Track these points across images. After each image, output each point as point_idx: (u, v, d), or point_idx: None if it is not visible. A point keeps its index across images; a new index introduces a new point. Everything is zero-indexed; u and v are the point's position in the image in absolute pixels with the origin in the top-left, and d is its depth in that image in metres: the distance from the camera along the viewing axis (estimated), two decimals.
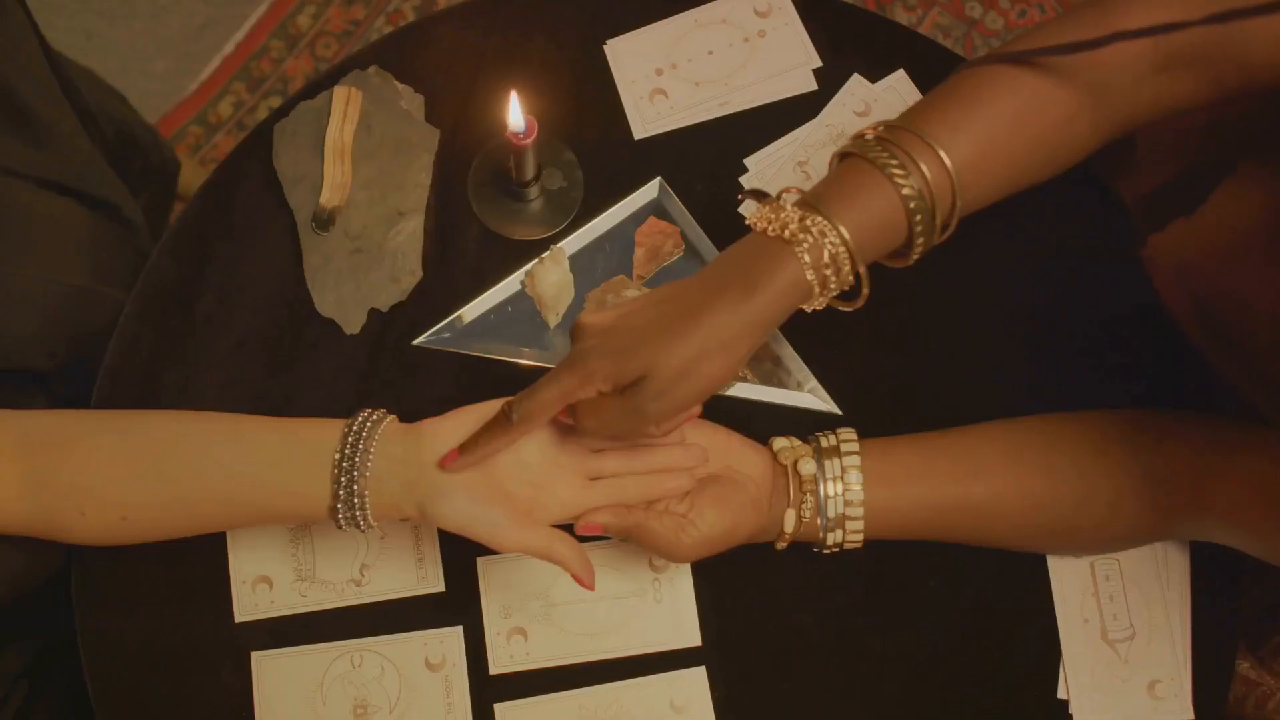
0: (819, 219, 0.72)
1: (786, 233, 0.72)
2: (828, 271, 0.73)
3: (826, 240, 0.72)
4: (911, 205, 0.73)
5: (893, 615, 0.88)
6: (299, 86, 1.72)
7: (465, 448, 0.75)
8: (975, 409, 0.87)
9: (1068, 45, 0.72)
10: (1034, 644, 0.88)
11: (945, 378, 0.92)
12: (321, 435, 0.76)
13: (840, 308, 0.78)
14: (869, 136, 0.76)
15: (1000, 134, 0.75)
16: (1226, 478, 0.77)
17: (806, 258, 0.72)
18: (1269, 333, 0.79)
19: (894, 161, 0.73)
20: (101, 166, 1.09)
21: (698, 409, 0.76)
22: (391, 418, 0.78)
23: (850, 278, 0.74)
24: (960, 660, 0.88)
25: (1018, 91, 0.75)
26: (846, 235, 0.72)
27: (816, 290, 0.73)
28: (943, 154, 0.73)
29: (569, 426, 0.77)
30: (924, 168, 0.73)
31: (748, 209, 0.93)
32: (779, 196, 0.75)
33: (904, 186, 0.73)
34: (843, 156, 0.77)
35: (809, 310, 0.77)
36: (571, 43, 0.99)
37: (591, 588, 0.76)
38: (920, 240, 0.75)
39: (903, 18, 1.85)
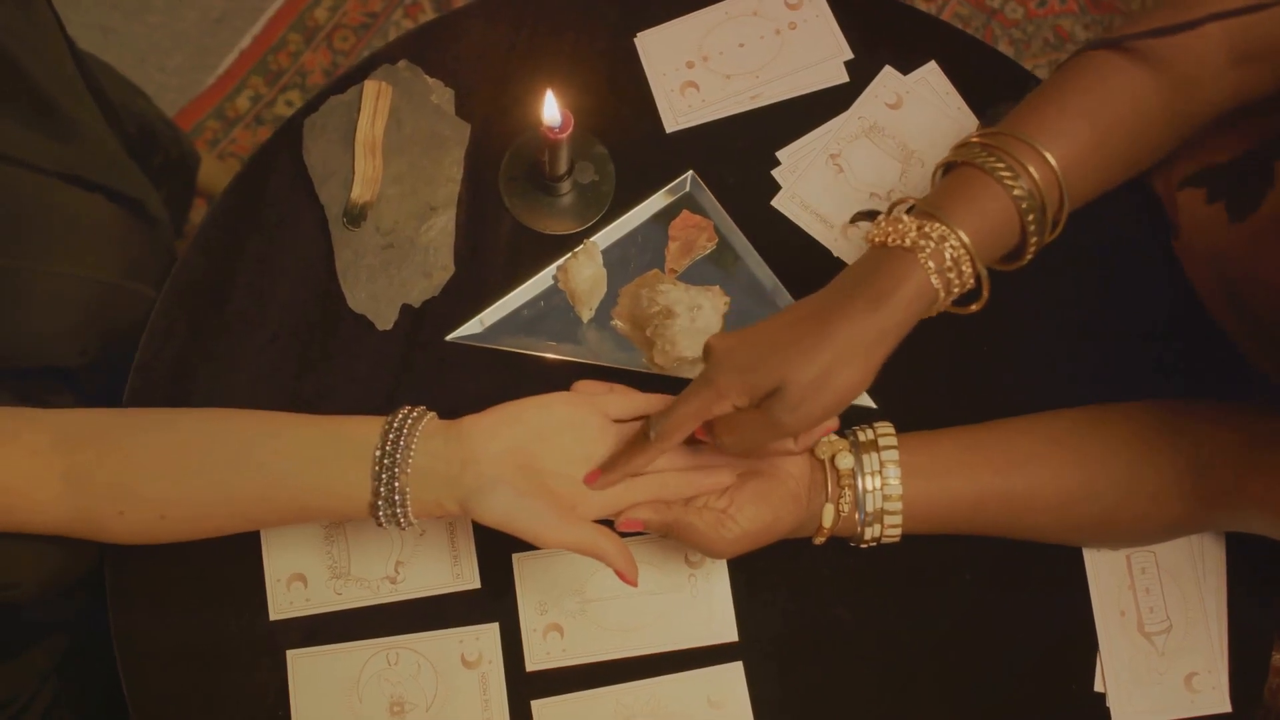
0: (938, 225, 0.73)
1: (907, 241, 0.73)
2: (950, 275, 0.74)
3: (947, 245, 0.73)
4: (1024, 205, 0.74)
5: (929, 609, 0.88)
6: (317, 80, 1.72)
7: (606, 466, 0.76)
8: (1012, 402, 0.87)
9: (1165, 28, 0.73)
10: (1071, 637, 0.88)
11: (982, 371, 0.92)
12: (361, 432, 0.76)
13: (960, 312, 0.78)
14: (974, 143, 0.77)
15: (1099, 131, 0.76)
16: (1266, 470, 0.77)
17: (930, 263, 0.73)
18: None
19: (1001, 165, 0.74)
20: (126, 162, 1.08)
21: (834, 421, 0.77)
22: (431, 414, 0.77)
23: (971, 280, 0.75)
24: (997, 653, 0.87)
25: (1113, 88, 0.77)
26: (965, 238, 0.73)
27: (942, 295, 0.74)
28: (1047, 155, 0.75)
29: (609, 424, 0.78)
30: (1031, 169, 0.74)
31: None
32: (890, 211, 0.76)
33: (1014, 188, 0.74)
34: (947, 168, 0.78)
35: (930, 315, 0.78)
36: (602, 35, 0.98)
37: (635, 584, 0.76)
38: (1034, 239, 0.77)
39: (922, 9, 1.84)
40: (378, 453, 0.74)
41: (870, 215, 0.78)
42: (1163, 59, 0.76)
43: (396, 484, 0.74)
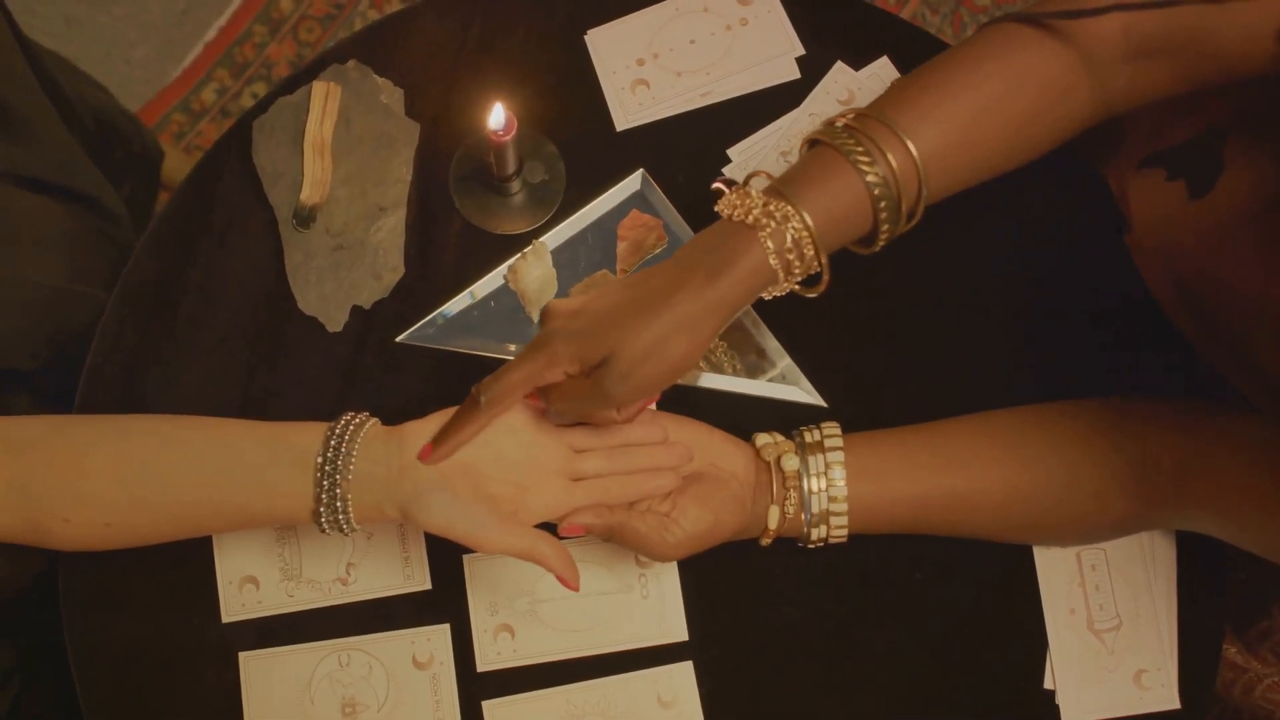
0: (783, 204, 0.73)
1: (750, 218, 0.73)
2: (790, 256, 0.73)
3: (789, 225, 0.73)
4: (876, 193, 0.74)
5: (879, 608, 0.88)
6: (283, 72, 1.71)
7: (439, 438, 0.75)
8: (961, 399, 0.87)
9: (1071, 12, 0.73)
10: (1020, 635, 0.88)
11: (931, 367, 0.92)
12: (304, 439, 0.76)
13: (803, 294, 0.78)
14: (839, 124, 0.76)
15: (973, 120, 0.75)
16: (1209, 469, 0.77)
17: (769, 243, 0.72)
18: (1252, 317, 0.79)
19: (859, 149, 0.73)
20: (81, 158, 1.08)
21: (656, 395, 0.77)
22: (374, 421, 0.77)
23: (814, 263, 0.74)
24: (947, 652, 0.88)
25: (1003, 69, 0.76)
26: (809, 221, 0.73)
27: (781, 275, 0.74)
28: (910, 143, 0.74)
29: (552, 428, 0.78)
30: (890, 157, 0.73)
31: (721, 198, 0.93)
32: (747, 182, 0.76)
33: (869, 174, 0.73)
34: (812, 144, 0.78)
35: (774, 295, 0.77)
36: (552, 33, 0.98)
37: (576, 589, 0.76)
38: (885, 228, 0.76)
39: None
40: (319, 459, 0.74)
41: (732, 184, 0.77)
42: (1067, 37, 0.75)
43: (338, 490, 0.74)
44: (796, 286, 0.77)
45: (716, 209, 0.76)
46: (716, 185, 0.90)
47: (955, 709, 0.87)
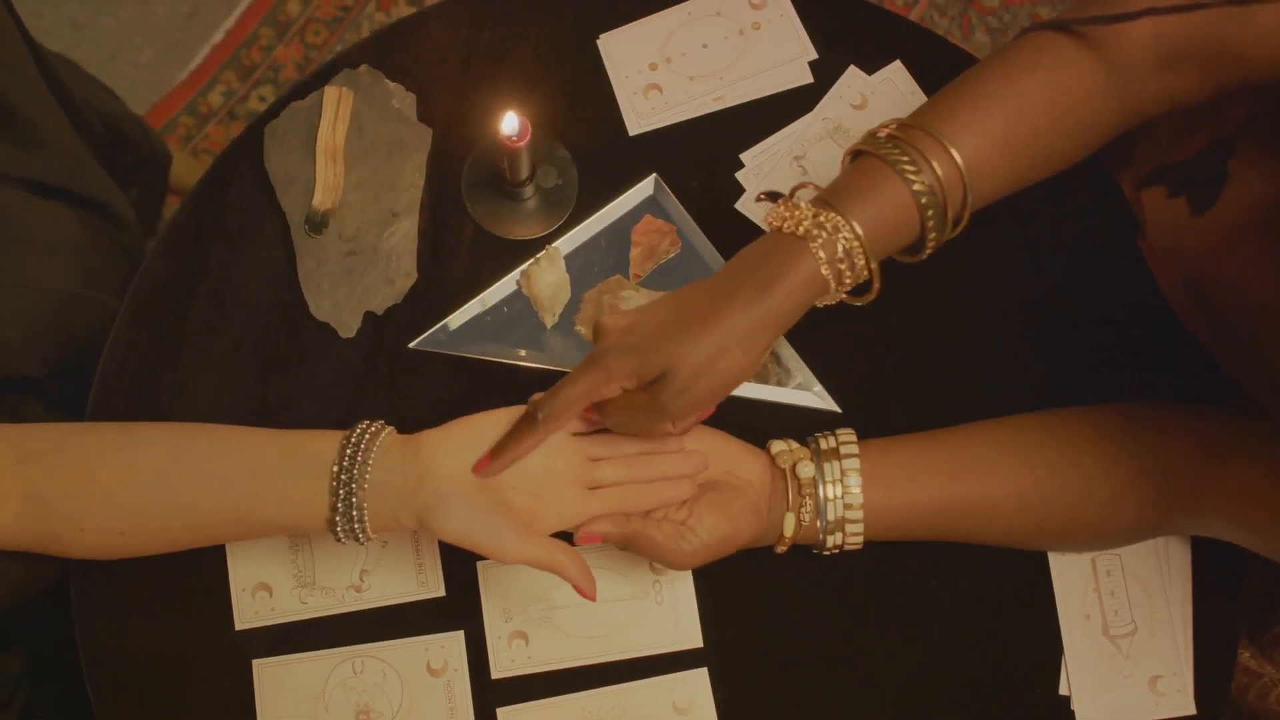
0: (833, 215, 0.73)
1: (801, 229, 0.73)
2: (842, 266, 0.73)
3: (840, 236, 0.72)
4: (923, 201, 0.74)
5: (894, 614, 0.88)
6: (289, 75, 1.71)
7: (495, 451, 0.75)
8: (976, 404, 0.87)
9: (1103, 17, 0.73)
10: (1036, 641, 0.88)
11: (945, 373, 0.92)
12: (319, 447, 0.76)
13: (852, 303, 0.78)
14: (882, 134, 0.76)
15: (1014, 128, 0.75)
16: (1222, 475, 0.77)
17: (821, 253, 0.72)
18: (1265, 321, 0.79)
19: (905, 158, 0.73)
20: (90, 164, 1.07)
21: (711, 408, 0.77)
22: (390, 429, 0.77)
23: (864, 272, 0.74)
24: (962, 658, 0.88)
25: (1042, 75, 0.76)
26: (860, 230, 0.73)
27: (832, 285, 0.74)
28: (954, 151, 0.74)
29: (568, 437, 0.78)
30: (935, 165, 0.73)
31: (763, 209, 0.93)
32: (793, 194, 0.76)
33: (915, 183, 0.73)
34: (855, 155, 0.78)
35: (824, 305, 0.77)
36: (564, 37, 0.98)
37: (593, 598, 0.76)
38: (933, 235, 0.76)
39: None
40: (335, 468, 0.74)
41: (776, 195, 0.78)
42: (1100, 46, 0.75)
43: (354, 499, 0.74)
44: (845, 296, 0.77)
45: (765, 221, 0.76)
46: (761, 198, 0.91)
47: (970, 714, 0.87)
